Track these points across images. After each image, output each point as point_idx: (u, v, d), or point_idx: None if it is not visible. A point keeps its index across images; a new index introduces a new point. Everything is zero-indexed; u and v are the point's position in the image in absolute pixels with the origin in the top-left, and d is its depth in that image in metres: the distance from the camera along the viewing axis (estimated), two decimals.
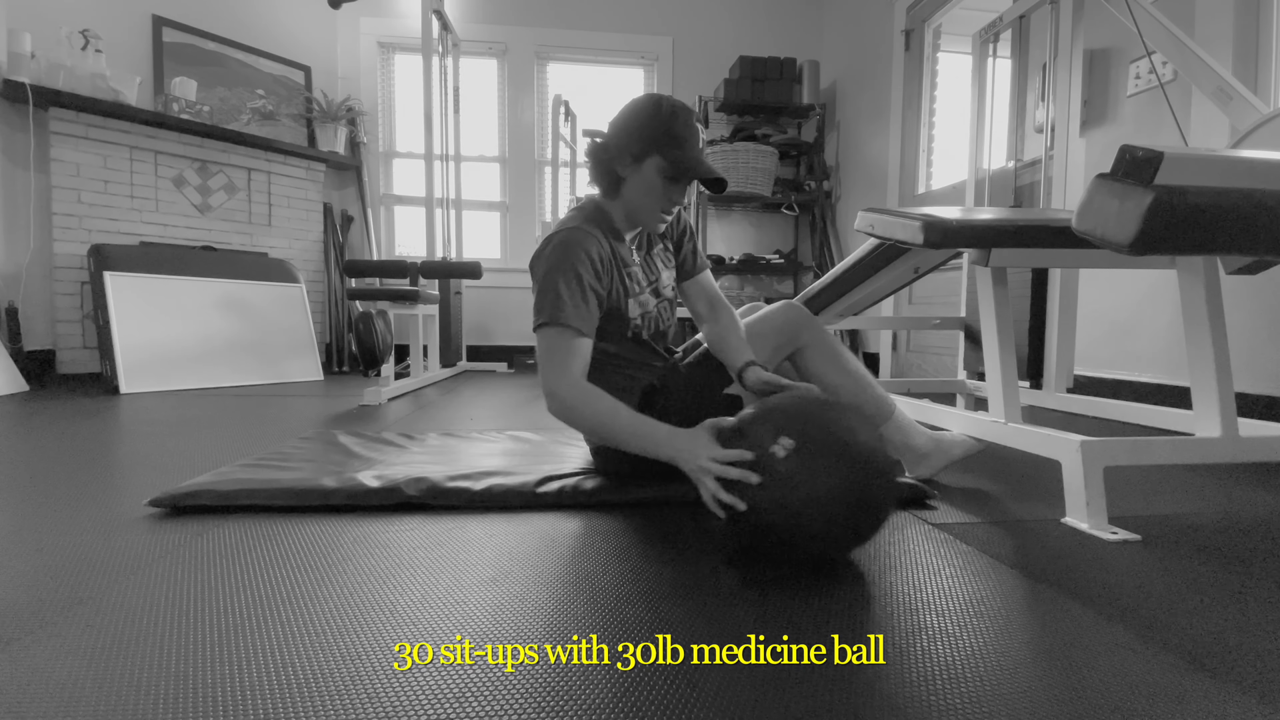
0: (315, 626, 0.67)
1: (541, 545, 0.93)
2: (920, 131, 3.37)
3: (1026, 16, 2.13)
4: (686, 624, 0.69)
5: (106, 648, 0.63)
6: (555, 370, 1.05)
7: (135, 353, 2.66)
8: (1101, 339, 2.18)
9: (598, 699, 0.55)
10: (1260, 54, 1.79)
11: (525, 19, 4.10)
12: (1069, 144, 2.03)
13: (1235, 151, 0.95)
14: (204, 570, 0.82)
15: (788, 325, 1.22)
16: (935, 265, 1.81)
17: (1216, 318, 1.13)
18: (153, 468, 1.36)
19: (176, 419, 1.97)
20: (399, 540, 0.94)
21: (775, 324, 1.23)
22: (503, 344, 4.18)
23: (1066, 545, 0.95)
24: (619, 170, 1.13)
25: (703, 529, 1.00)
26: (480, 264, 2.99)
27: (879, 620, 0.70)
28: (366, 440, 1.57)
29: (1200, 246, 0.89)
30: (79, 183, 2.89)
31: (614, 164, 1.13)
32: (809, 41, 4.30)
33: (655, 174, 1.10)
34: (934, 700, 0.56)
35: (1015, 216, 1.26)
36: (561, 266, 1.08)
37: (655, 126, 1.09)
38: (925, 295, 3.27)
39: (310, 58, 3.78)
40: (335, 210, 3.89)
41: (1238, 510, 1.15)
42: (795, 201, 4.03)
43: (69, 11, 2.95)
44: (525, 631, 0.67)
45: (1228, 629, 0.70)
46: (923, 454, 1.27)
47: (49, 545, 0.91)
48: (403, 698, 0.55)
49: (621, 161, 1.12)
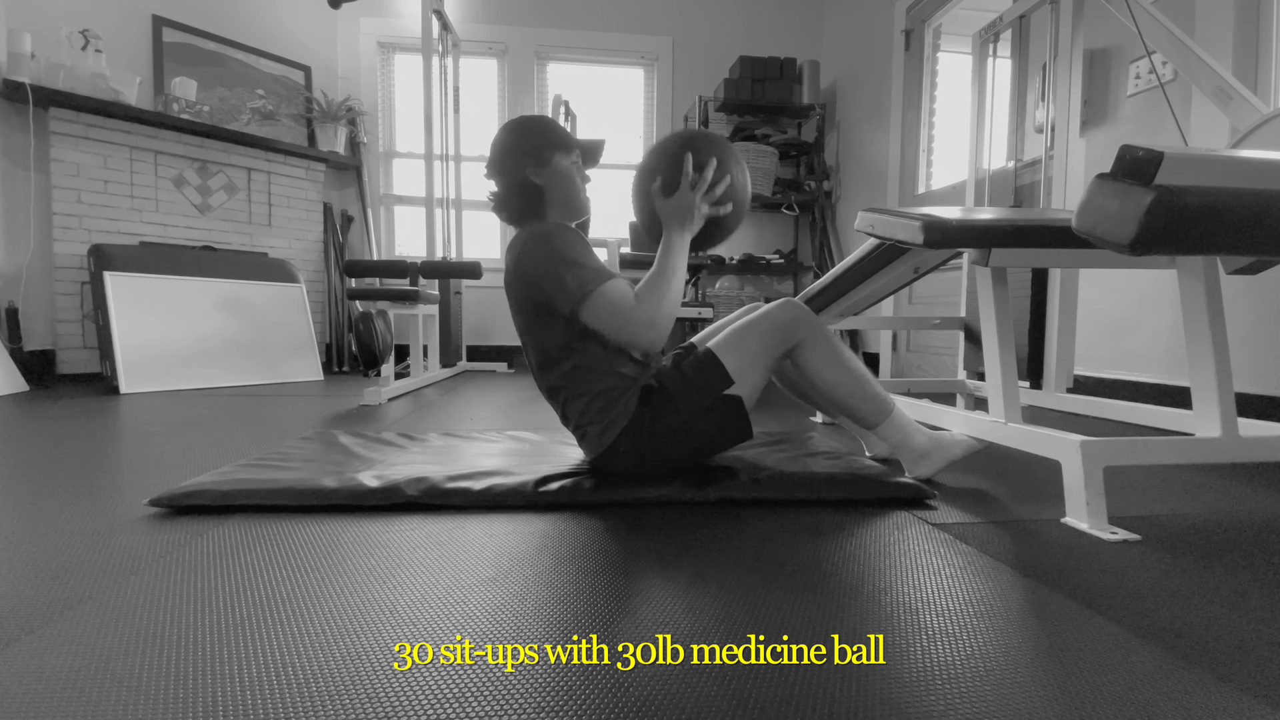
0: (315, 626, 0.67)
1: (541, 545, 0.93)
2: (920, 131, 3.37)
3: (1026, 16, 2.13)
4: (686, 624, 0.69)
5: (106, 648, 0.63)
6: (628, 314, 1.13)
7: (135, 353, 2.66)
8: (1101, 339, 2.18)
9: (598, 699, 0.55)
10: (1260, 54, 1.79)
11: (525, 19, 4.10)
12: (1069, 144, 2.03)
13: (1235, 151, 0.95)
14: (204, 570, 0.82)
15: (786, 323, 1.23)
16: (935, 265, 1.81)
17: (1216, 318, 1.13)
18: (153, 468, 1.36)
19: (176, 419, 1.97)
20: (399, 540, 0.94)
21: (774, 321, 1.23)
22: (502, 344, 4.18)
23: (1066, 545, 0.95)
24: (535, 181, 1.23)
25: (703, 529, 1.01)
26: (480, 264, 2.99)
27: (879, 620, 0.70)
28: (366, 440, 1.57)
29: (1200, 246, 0.89)
30: (79, 183, 2.89)
31: (528, 181, 1.23)
32: (809, 41, 4.30)
33: (566, 162, 1.24)
34: (934, 700, 0.56)
35: (1015, 216, 1.26)
36: (558, 245, 1.15)
37: (538, 132, 1.24)
38: (925, 295, 3.27)
39: (310, 58, 3.78)
40: (335, 210, 3.89)
41: (1238, 510, 1.15)
42: (795, 201, 4.03)
43: (69, 11, 2.95)
44: (525, 631, 0.67)
45: (1228, 629, 0.70)
46: (922, 453, 1.27)
47: (49, 545, 0.91)
48: (403, 698, 0.55)
49: (535, 174, 1.22)
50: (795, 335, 1.23)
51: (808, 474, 1.22)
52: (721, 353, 1.21)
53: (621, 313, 1.13)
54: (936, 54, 3.31)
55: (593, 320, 1.13)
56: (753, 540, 0.95)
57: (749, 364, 1.21)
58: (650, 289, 1.16)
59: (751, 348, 1.21)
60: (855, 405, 1.26)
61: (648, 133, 4.30)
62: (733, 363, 1.20)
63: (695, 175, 1.15)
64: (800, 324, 1.23)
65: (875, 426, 1.28)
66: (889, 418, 1.27)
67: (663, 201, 1.17)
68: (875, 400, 1.26)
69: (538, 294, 1.15)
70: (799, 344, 1.23)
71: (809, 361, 1.24)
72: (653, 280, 1.17)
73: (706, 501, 1.14)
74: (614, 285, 1.13)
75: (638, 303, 1.14)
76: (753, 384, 1.22)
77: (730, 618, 0.70)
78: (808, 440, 1.58)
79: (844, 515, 1.08)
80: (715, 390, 1.19)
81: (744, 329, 1.23)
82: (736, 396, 1.20)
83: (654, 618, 0.70)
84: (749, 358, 1.21)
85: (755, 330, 1.22)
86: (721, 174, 1.16)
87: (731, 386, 1.19)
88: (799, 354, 1.24)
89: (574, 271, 1.12)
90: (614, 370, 1.19)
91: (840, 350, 1.25)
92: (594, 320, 1.13)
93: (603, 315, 1.12)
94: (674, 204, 1.16)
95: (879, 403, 1.26)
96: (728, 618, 0.70)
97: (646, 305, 1.14)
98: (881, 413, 1.26)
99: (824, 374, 1.24)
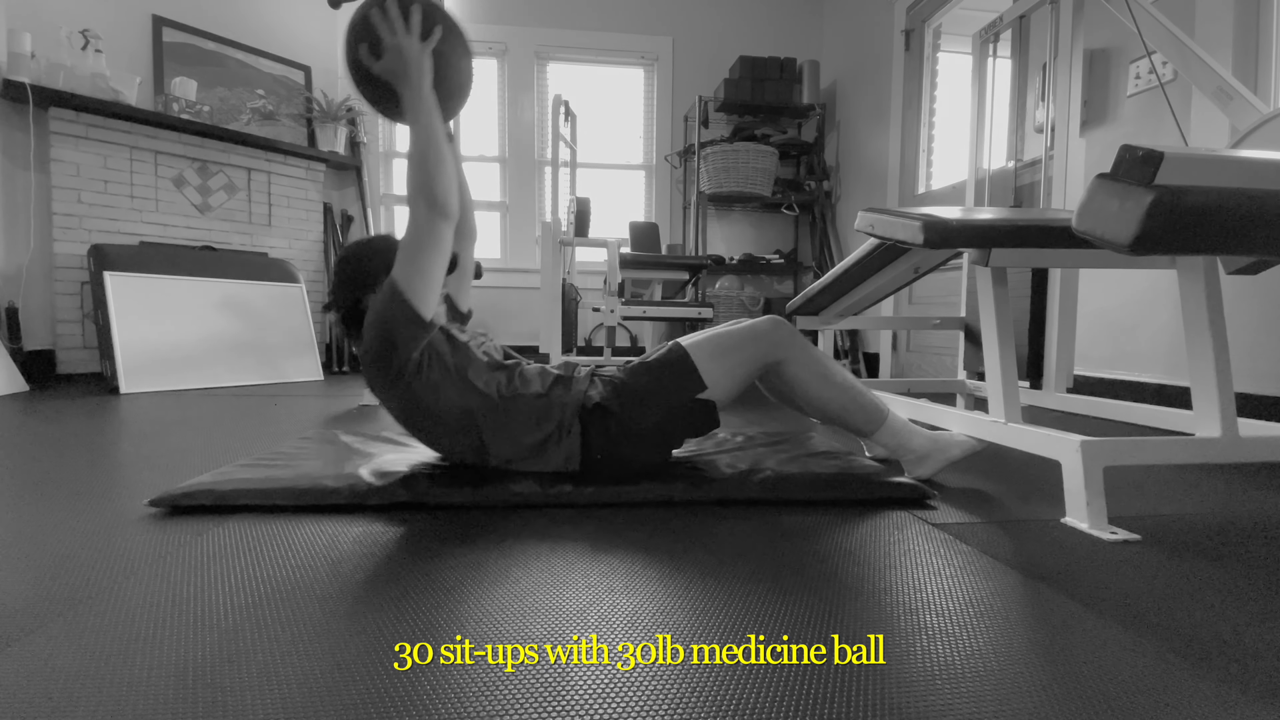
0: (315, 626, 0.67)
1: (541, 545, 0.93)
2: (920, 131, 3.37)
3: (1026, 16, 2.13)
4: (686, 624, 0.69)
5: (106, 648, 0.63)
6: (409, 229, 1.11)
7: (135, 353, 2.66)
8: (1101, 339, 2.18)
9: (598, 699, 0.55)
10: (1260, 54, 1.79)
11: (525, 19, 4.10)
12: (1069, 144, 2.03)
13: (1235, 151, 0.95)
14: (204, 570, 0.82)
15: (767, 342, 1.22)
16: (935, 265, 1.81)
17: (1216, 318, 1.13)
18: (153, 468, 1.36)
19: (176, 419, 1.97)
20: (399, 540, 0.94)
21: (754, 336, 1.23)
22: (502, 344, 4.18)
23: (1066, 545, 0.95)
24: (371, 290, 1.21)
25: (703, 529, 1.00)
26: (480, 264, 2.99)
27: (879, 620, 0.70)
28: (366, 440, 1.57)
29: (1200, 246, 0.89)
30: (79, 183, 2.89)
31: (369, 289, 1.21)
32: (809, 41, 4.30)
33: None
34: (934, 700, 0.56)
35: (1015, 216, 1.26)
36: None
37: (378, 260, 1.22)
38: (925, 295, 3.27)
39: (310, 58, 3.78)
40: (335, 210, 3.89)
41: (1238, 510, 1.15)
42: (795, 201, 4.03)
43: (69, 11, 2.95)
44: (525, 631, 0.67)
45: (1228, 629, 0.70)
46: (921, 455, 1.27)
47: (49, 545, 0.91)
48: (403, 698, 0.55)
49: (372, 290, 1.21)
50: (775, 354, 1.23)
51: (808, 474, 1.22)
52: (695, 354, 1.21)
53: (405, 241, 1.11)
54: (936, 54, 3.31)
55: (400, 273, 1.10)
56: (752, 540, 0.95)
57: (724, 374, 1.21)
58: (414, 165, 1.09)
59: (728, 360, 1.21)
60: (847, 418, 1.27)
61: (647, 133, 4.30)
62: (706, 367, 1.20)
63: (388, 22, 1.10)
64: (781, 345, 1.23)
65: (870, 435, 1.28)
66: (883, 425, 1.27)
67: (380, 64, 1.11)
68: (867, 410, 1.26)
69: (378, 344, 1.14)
70: (781, 362, 1.23)
71: (795, 379, 1.24)
72: (411, 156, 1.10)
73: (706, 501, 1.13)
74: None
75: (409, 188, 1.10)
76: (725, 391, 1.22)
77: (730, 618, 0.70)
78: (808, 440, 1.58)
79: (844, 515, 1.08)
80: (687, 392, 1.19)
81: (723, 338, 1.23)
82: (711, 402, 1.20)
83: (654, 618, 0.70)
84: (724, 369, 1.21)
85: (734, 341, 1.22)
86: (408, 4, 1.11)
87: (705, 392, 1.19)
88: (784, 371, 1.24)
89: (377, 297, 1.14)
90: (526, 404, 1.18)
91: (827, 366, 1.25)
92: (400, 272, 1.10)
93: (399, 262, 1.11)
94: (390, 60, 1.10)
95: (871, 411, 1.26)
96: (727, 618, 0.70)
97: (414, 180, 1.09)
98: (874, 421, 1.27)
99: (811, 391, 1.24)
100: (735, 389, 1.23)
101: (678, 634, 0.67)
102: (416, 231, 1.10)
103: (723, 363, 1.21)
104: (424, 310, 1.12)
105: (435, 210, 1.09)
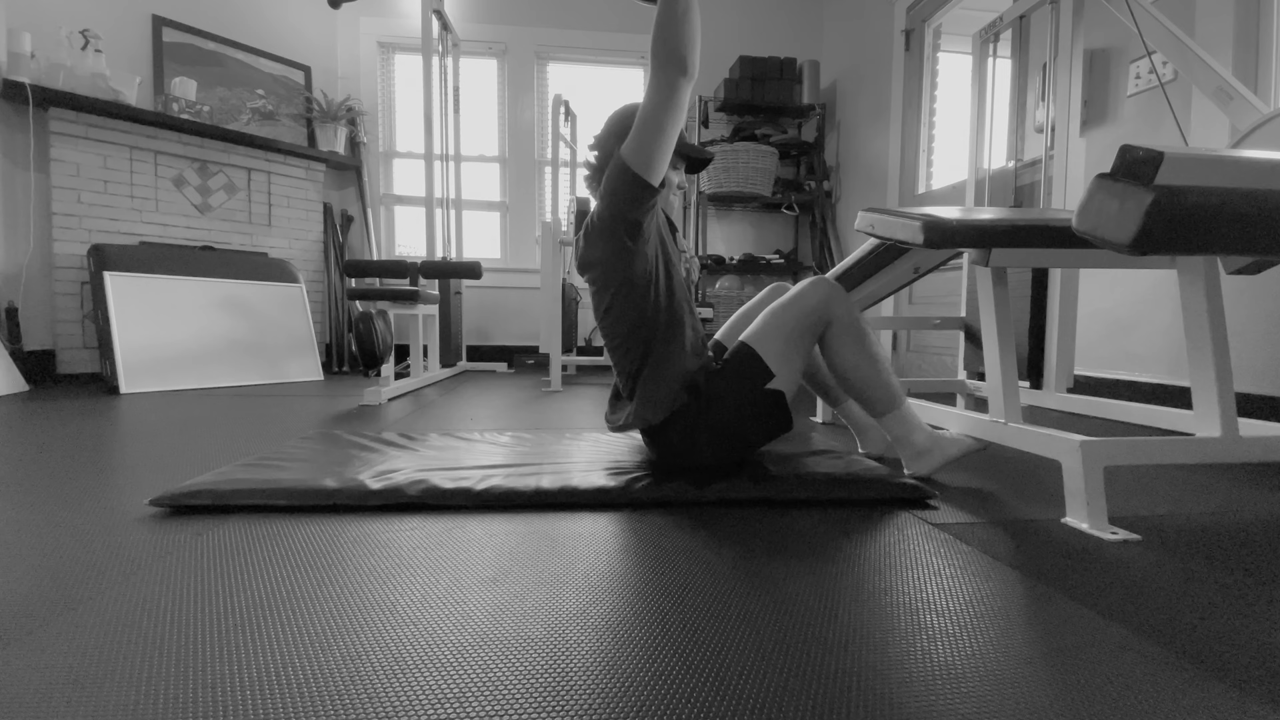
0: (315, 626, 0.67)
1: (541, 545, 0.93)
2: (920, 131, 3.37)
3: (1026, 16, 2.13)
4: (686, 624, 0.69)
5: (107, 647, 0.63)
6: (648, 97, 1.11)
7: (135, 353, 2.66)
8: (1101, 339, 2.18)
9: (598, 699, 0.55)
10: (1260, 54, 1.79)
11: (525, 19, 4.10)
12: (1069, 144, 2.02)
13: (1235, 151, 0.95)
14: (204, 570, 0.82)
15: (820, 303, 1.23)
16: (935, 265, 1.81)
17: (1216, 318, 1.13)
18: (153, 468, 1.36)
19: (176, 419, 1.97)
20: (399, 540, 0.94)
21: (806, 303, 1.23)
22: (502, 344, 4.18)
23: (1067, 545, 0.95)
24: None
25: (702, 529, 1.00)
26: (480, 264, 2.99)
27: (879, 620, 0.70)
28: (366, 440, 1.57)
29: (1200, 246, 0.88)
30: (79, 183, 2.89)
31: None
32: (809, 41, 4.30)
33: (668, 168, 1.23)
34: (934, 700, 0.56)
35: (1015, 216, 1.26)
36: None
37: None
38: (925, 295, 3.27)
39: (310, 58, 3.78)
40: (335, 210, 3.89)
41: (1238, 510, 1.15)
42: (795, 201, 4.03)
43: (69, 11, 2.95)
44: (525, 631, 0.67)
45: (1228, 629, 0.70)
46: (921, 451, 1.28)
47: (49, 545, 0.91)
48: (403, 698, 0.55)
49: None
50: (828, 314, 1.23)
51: (808, 474, 1.22)
52: (757, 344, 1.21)
53: (646, 105, 1.10)
54: (936, 54, 3.31)
55: (635, 139, 1.11)
56: (752, 540, 0.95)
57: (788, 351, 1.21)
58: (672, 23, 1.04)
59: (787, 333, 1.21)
60: (869, 391, 1.26)
61: None
62: (769, 351, 1.20)
63: None
64: (833, 302, 1.23)
65: (882, 416, 1.28)
66: (897, 410, 1.27)
67: None
68: (889, 389, 1.26)
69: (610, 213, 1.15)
70: (830, 323, 1.23)
71: (833, 340, 1.24)
72: (669, 15, 1.04)
73: (706, 501, 1.14)
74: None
75: (662, 49, 1.05)
76: (792, 371, 1.22)
77: (729, 618, 0.70)
78: (808, 440, 1.58)
79: (844, 515, 1.08)
80: (757, 384, 1.19)
81: (777, 314, 1.23)
82: (778, 391, 1.20)
83: (653, 617, 0.70)
84: (786, 345, 1.21)
85: (789, 314, 1.22)
86: None
87: (772, 380, 1.19)
88: (826, 336, 1.24)
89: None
90: (689, 328, 1.23)
91: (866, 333, 1.25)
92: (635, 138, 1.11)
93: (636, 129, 1.11)
94: None
95: (891, 392, 1.26)
96: (726, 618, 0.70)
97: (673, 38, 1.04)
98: (892, 404, 1.26)
99: (845, 354, 1.24)
100: (800, 365, 1.23)
101: (678, 634, 0.67)
102: (662, 92, 1.08)
103: (780, 340, 1.21)
104: (653, 177, 1.14)
105: (685, 70, 1.07)
